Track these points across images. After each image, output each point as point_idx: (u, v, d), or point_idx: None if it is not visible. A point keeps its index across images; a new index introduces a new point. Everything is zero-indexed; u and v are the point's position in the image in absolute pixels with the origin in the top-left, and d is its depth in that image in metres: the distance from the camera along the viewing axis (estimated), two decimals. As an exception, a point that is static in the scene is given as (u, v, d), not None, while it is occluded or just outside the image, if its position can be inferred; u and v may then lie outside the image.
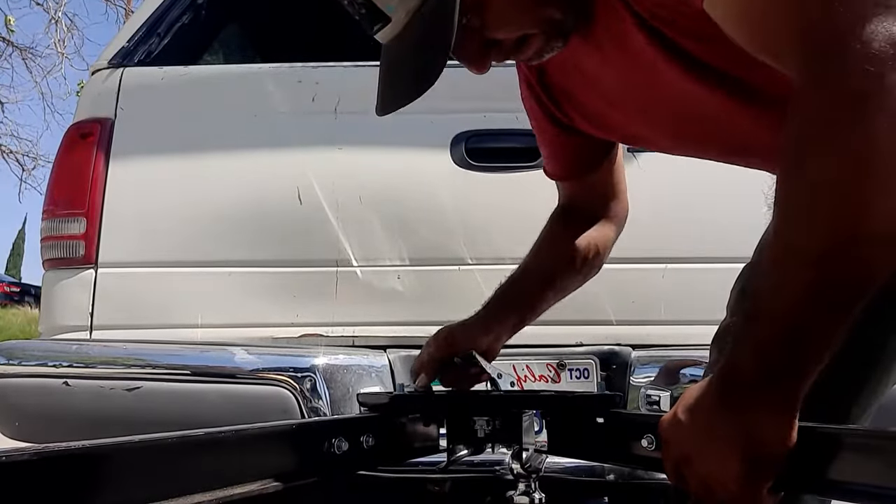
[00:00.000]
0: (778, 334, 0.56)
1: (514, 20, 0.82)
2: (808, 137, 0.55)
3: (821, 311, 0.54)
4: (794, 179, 0.55)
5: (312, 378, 1.34)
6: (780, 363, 0.56)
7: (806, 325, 0.55)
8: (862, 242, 0.52)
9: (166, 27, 1.69)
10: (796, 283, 0.55)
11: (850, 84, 0.52)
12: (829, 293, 0.54)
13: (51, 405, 1.38)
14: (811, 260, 0.54)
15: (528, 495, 0.84)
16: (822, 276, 0.53)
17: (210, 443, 0.58)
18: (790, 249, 0.56)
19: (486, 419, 0.80)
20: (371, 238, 1.53)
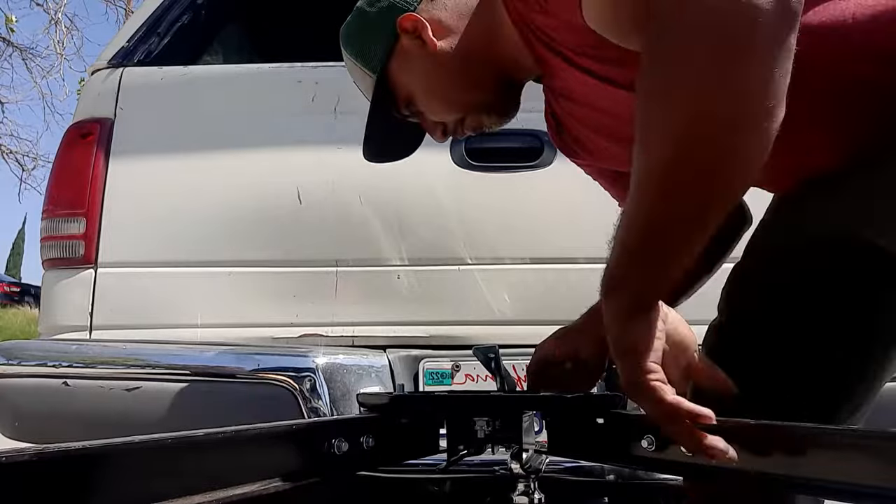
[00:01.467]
0: (633, 259, 0.65)
1: (440, 109, 0.95)
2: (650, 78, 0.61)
3: (664, 240, 0.63)
4: (641, 102, 0.61)
5: (312, 378, 1.34)
6: (632, 279, 0.65)
7: (653, 254, 0.64)
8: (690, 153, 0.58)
9: (166, 27, 1.69)
10: (636, 210, 0.63)
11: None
12: (672, 207, 0.61)
13: (50, 405, 1.38)
14: (657, 173, 0.61)
15: (528, 495, 0.84)
16: (666, 190, 0.61)
17: (209, 443, 0.58)
18: (641, 172, 0.62)
19: (487, 420, 0.80)
20: (371, 238, 1.53)
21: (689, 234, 0.62)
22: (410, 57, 0.94)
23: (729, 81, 0.57)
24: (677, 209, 0.61)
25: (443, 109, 0.97)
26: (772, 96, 0.57)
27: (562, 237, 1.52)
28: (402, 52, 0.94)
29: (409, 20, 0.91)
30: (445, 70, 0.92)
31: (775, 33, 0.56)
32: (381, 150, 1.07)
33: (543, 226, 1.52)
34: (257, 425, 0.62)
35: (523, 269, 1.52)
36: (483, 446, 0.81)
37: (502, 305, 1.50)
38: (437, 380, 1.41)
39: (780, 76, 0.57)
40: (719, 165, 0.59)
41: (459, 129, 0.99)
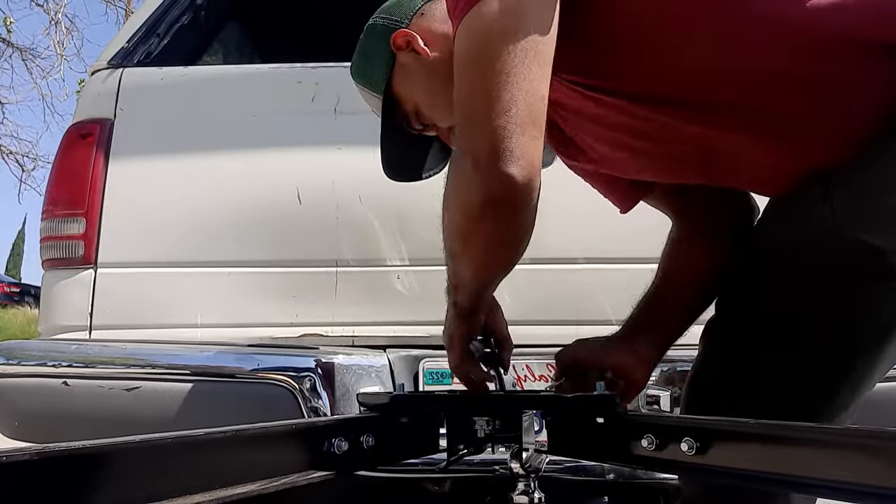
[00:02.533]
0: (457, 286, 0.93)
1: (446, 114, 1.00)
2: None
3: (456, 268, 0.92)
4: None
5: (312, 378, 1.34)
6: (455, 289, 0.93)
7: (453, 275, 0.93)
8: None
9: (166, 28, 1.69)
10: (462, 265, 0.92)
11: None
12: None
13: (50, 405, 1.38)
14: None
15: (528, 495, 0.84)
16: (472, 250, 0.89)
17: (209, 443, 0.58)
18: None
19: (487, 419, 0.80)
20: (371, 238, 1.53)
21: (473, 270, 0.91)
22: (409, 70, 1.00)
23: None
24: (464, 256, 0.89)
25: (448, 113, 1.00)
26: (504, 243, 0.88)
27: (562, 237, 1.51)
28: (400, 67, 1.00)
29: (400, 36, 0.98)
30: (441, 75, 0.95)
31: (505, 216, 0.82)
32: (404, 168, 1.13)
33: (543, 226, 1.51)
34: (257, 425, 0.62)
35: (523, 269, 1.51)
36: (483, 446, 0.81)
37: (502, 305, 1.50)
38: (437, 379, 1.41)
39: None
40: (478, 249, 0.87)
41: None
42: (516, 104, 0.73)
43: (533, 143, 0.75)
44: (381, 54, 1.01)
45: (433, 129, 1.06)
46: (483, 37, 0.75)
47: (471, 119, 0.77)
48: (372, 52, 1.03)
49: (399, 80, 1.01)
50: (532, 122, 0.74)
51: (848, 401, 0.80)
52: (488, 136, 0.74)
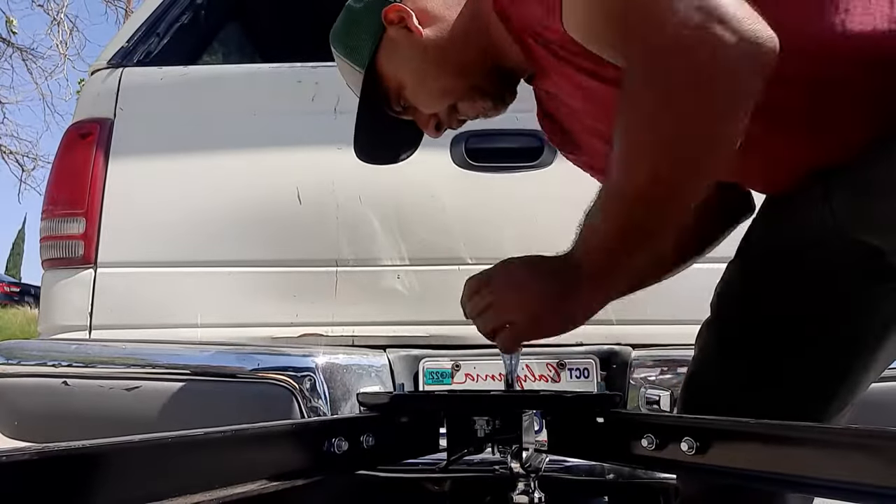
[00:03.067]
0: (602, 246, 0.74)
1: (431, 98, 0.95)
2: (628, 106, 0.67)
3: (626, 240, 0.72)
4: (617, 138, 0.69)
5: (312, 378, 1.34)
6: (600, 265, 0.75)
7: (617, 248, 0.73)
8: (653, 191, 0.67)
9: (165, 27, 1.69)
10: (613, 215, 0.72)
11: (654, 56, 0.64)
12: (632, 227, 0.71)
13: (50, 405, 1.38)
14: (622, 197, 0.70)
15: (528, 495, 0.84)
16: (629, 211, 0.70)
17: (209, 442, 0.57)
18: (610, 190, 0.72)
19: (486, 419, 0.80)
20: (371, 238, 1.53)
21: (649, 242, 0.72)
22: (398, 47, 0.93)
23: (701, 125, 0.64)
24: (641, 220, 0.70)
25: (433, 98, 0.96)
26: (736, 135, 0.64)
27: (562, 237, 1.51)
28: (389, 43, 0.93)
29: (393, 10, 0.91)
30: (433, 57, 0.92)
31: (749, 87, 0.63)
32: (374, 150, 1.07)
33: (543, 226, 1.52)
34: (257, 424, 0.62)
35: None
36: (483, 445, 0.81)
37: (502, 305, 1.50)
38: (437, 379, 1.41)
39: (744, 116, 0.63)
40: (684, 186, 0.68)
41: (453, 119, 0.98)
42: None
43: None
44: (370, 26, 0.94)
45: (411, 112, 0.99)
46: None
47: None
48: (360, 22, 0.96)
49: (385, 57, 0.94)
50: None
51: (846, 401, 0.80)
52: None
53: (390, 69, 0.95)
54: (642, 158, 0.67)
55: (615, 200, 0.71)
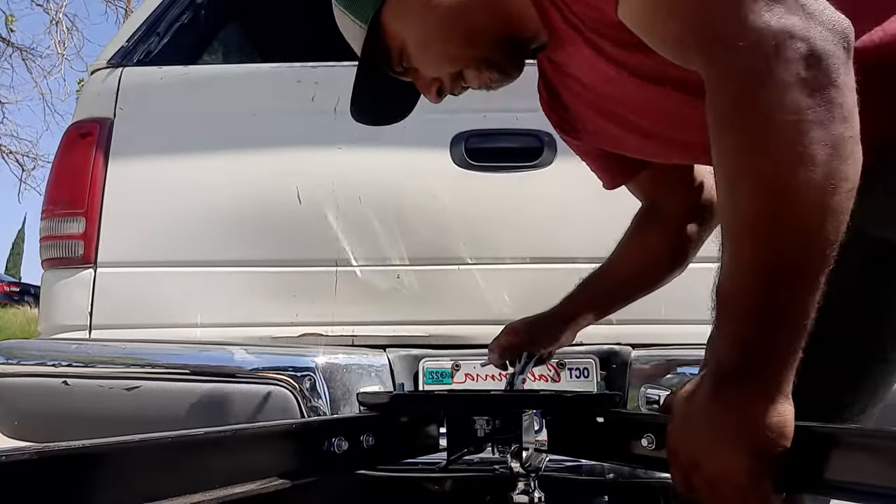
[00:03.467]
0: (746, 324, 0.59)
1: (436, 62, 0.89)
2: (721, 135, 0.59)
3: (778, 296, 0.57)
4: (724, 187, 0.60)
5: (312, 377, 1.34)
6: (756, 350, 0.58)
7: (768, 312, 0.58)
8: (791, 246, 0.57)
9: (165, 27, 1.69)
10: (750, 275, 0.58)
11: (745, 76, 0.57)
12: (780, 277, 0.57)
13: (50, 404, 1.38)
14: (759, 248, 0.58)
15: (528, 494, 0.84)
16: (770, 263, 0.57)
17: (209, 442, 0.58)
18: (737, 256, 0.60)
19: (487, 419, 0.80)
20: (371, 238, 1.53)
21: (808, 280, 0.58)
22: (406, 4, 0.86)
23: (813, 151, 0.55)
24: (786, 256, 0.57)
25: (438, 63, 0.90)
26: (851, 155, 0.57)
27: (562, 237, 1.52)
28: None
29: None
30: (442, 19, 0.85)
31: (847, 107, 0.56)
32: (370, 109, 1.00)
33: (543, 226, 1.52)
34: (257, 424, 0.62)
35: (523, 269, 1.52)
36: (483, 445, 0.81)
37: (502, 305, 1.50)
38: (437, 379, 1.41)
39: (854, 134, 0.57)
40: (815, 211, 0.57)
41: (456, 86, 0.92)
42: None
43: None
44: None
45: (412, 74, 0.92)
46: None
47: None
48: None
49: (391, 13, 0.86)
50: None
51: (868, 402, 0.79)
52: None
53: (395, 27, 0.87)
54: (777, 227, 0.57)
55: (750, 277, 0.59)
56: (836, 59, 0.55)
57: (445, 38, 0.87)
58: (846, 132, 0.55)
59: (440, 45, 0.87)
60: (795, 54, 0.55)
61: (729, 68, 0.58)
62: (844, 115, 0.56)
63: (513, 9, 0.84)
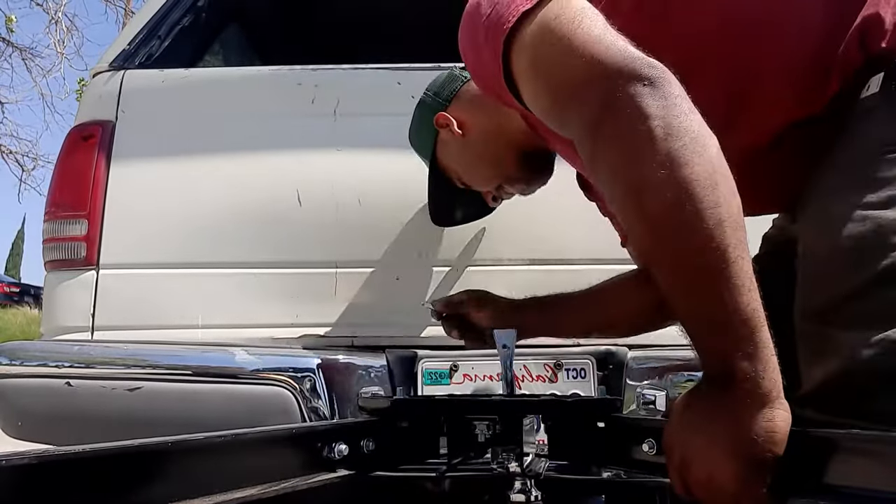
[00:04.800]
0: (700, 330, 0.62)
1: (478, 182, 1.22)
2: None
3: (705, 296, 0.60)
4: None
5: (312, 378, 1.35)
6: (726, 355, 0.59)
7: (708, 315, 0.60)
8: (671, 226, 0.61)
9: (167, 30, 1.69)
10: (675, 291, 0.63)
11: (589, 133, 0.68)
12: (693, 278, 0.61)
13: (53, 405, 1.38)
14: (666, 262, 0.63)
15: (525, 493, 0.85)
16: (679, 276, 0.62)
17: (209, 447, 0.58)
18: (653, 264, 0.65)
19: (487, 423, 0.80)
20: (370, 238, 1.53)
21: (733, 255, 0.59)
22: (448, 144, 1.20)
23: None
24: (683, 257, 0.61)
25: (479, 182, 1.22)
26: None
27: (561, 238, 1.52)
28: (441, 142, 1.21)
29: (441, 118, 1.18)
30: (472, 152, 1.17)
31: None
32: (450, 215, 1.39)
33: (542, 227, 1.53)
34: (257, 429, 0.62)
35: (522, 271, 1.53)
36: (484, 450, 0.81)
37: (501, 306, 1.50)
38: (436, 380, 1.41)
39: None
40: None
41: (502, 193, 1.24)
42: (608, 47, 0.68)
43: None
44: (428, 128, 1.21)
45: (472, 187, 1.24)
46: (551, 27, 0.72)
47: (572, 86, 0.69)
48: (421, 125, 1.24)
49: (441, 151, 1.22)
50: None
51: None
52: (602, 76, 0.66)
53: (445, 160, 1.23)
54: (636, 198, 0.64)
55: (674, 289, 0.63)
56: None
57: (477, 166, 1.19)
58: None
59: (476, 170, 1.20)
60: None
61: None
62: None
63: (519, 131, 1.08)
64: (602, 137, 0.65)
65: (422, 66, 1.59)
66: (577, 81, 0.68)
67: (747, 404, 0.58)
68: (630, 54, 0.66)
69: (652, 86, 0.63)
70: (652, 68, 0.64)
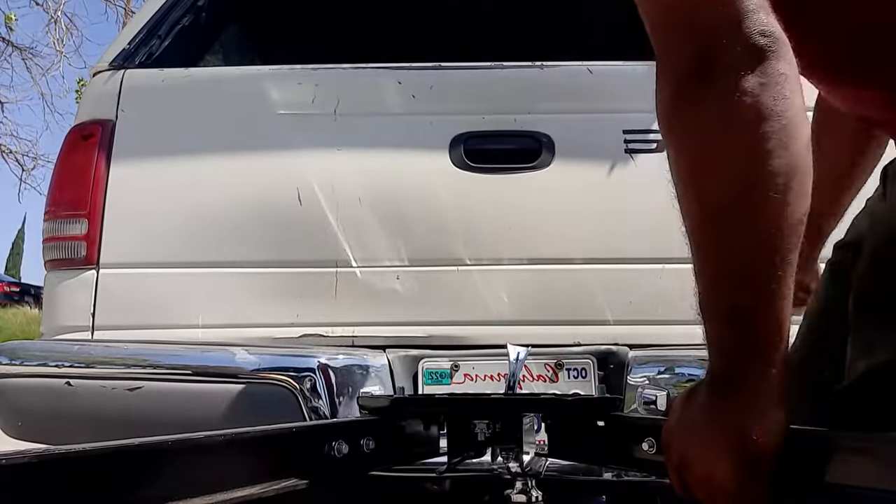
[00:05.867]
0: (719, 327, 0.60)
1: None
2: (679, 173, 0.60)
3: (738, 294, 0.58)
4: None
5: (312, 378, 1.35)
6: (736, 355, 0.58)
7: (735, 312, 0.58)
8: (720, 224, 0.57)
9: (167, 29, 1.69)
10: (707, 277, 0.60)
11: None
12: (734, 275, 0.58)
13: (53, 405, 1.39)
14: (707, 247, 0.59)
15: (526, 493, 0.85)
16: (718, 265, 0.59)
17: (210, 446, 0.58)
18: (695, 243, 0.60)
19: (487, 422, 0.81)
20: (370, 238, 1.53)
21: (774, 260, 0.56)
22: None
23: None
24: (734, 250, 0.58)
25: None
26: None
27: (560, 237, 1.52)
28: None
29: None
30: None
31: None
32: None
33: (542, 226, 1.53)
34: (258, 428, 0.62)
35: (522, 270, 1.53)
36: (483, 449, 0.82)
37: (501, 305, 1.51)
38: (437, 379, 1.41)
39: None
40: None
41: None
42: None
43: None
44: None
45: None
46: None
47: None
48: None
49: None
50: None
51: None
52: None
53: None
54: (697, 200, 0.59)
55: (707, 279, 0.60)
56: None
57: None
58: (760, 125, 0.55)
59: None
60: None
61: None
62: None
63: None
64: (686, 97, 0.58)
65: (422, 66, 1.60)
66: (682, 22, 0.58)
67: (747, 404, 0.58)
68: (748, 9, 0.56)
69: (758, 56, 0.55)
70: (764, 36, 0.56)
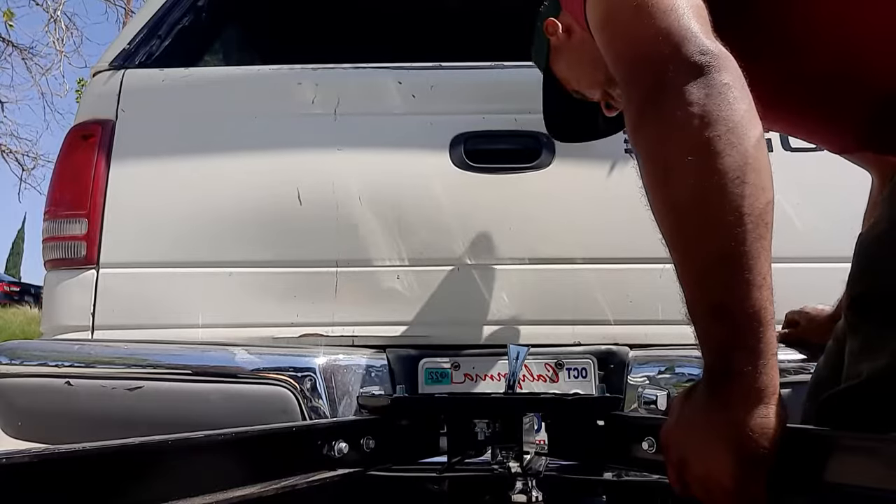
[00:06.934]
0: (705, 322, 0.62)
1: (585, 87, 1.17)
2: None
3: (715, 288, 0.60)
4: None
5: (312, 378, 1.35)
6: (728, 350, 0.60)
7: (716, 307, 0.61)
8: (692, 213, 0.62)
9: (167, 29, 1.70)
10: (686, 278, 0.63)
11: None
12: (705, 274, 0.61)
13: (53, 405, 1.38)
14: (682, 246, 0.63)
15: (526, 493, 0.85)
16: (692, 263, 0.62)
17: (210, 445, 0.58)
18: (671, 246, 0.65)
19: (487, 422, 0.81)
20: (371, 238, 1.53)
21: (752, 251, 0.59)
22: (558, 51, 1.17)
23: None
24: (704, 244, 0.61)
25: (587, 88, 1.17)
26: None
27: (560, 237, 1.52)
28: (553, 48, 1.18)
29: (549, 24, 1.16)
30: (575, 53, 1.13)
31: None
32: (565, 131, 1.34)
33: (542, 226, 1.53)
34: (258, 428, 0.62)
35: (522, 270, 1.53)
36: (483, 448, 0.82)
37: (501, 305, 1.51)
38: (437, 379, 1.41)
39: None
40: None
41: (612, 101, 1.16)
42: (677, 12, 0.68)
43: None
44: (540, 37, 1.19)
45: (585, 96, 1.20)
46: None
47: (635, 42, 0.70)
48: (535, 35, 1.22)
49: (553, 59, 1.20)
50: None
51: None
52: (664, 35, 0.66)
53: (556, 67, 1.20)
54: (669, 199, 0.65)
55: (686, 275, 0.64)
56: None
57: (581, 70, 1.15)
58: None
59: (581, 75, 1.16)
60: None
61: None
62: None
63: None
64: (644, 116, 0.66)
65: (422, 66, 1.60)
66: (637, 56, 0.68)
67: (743, 400, 0.59)
68: (688, 35, 0.65)
69: (699, 72, 0.63)
70: (703, 55, 0.64)
